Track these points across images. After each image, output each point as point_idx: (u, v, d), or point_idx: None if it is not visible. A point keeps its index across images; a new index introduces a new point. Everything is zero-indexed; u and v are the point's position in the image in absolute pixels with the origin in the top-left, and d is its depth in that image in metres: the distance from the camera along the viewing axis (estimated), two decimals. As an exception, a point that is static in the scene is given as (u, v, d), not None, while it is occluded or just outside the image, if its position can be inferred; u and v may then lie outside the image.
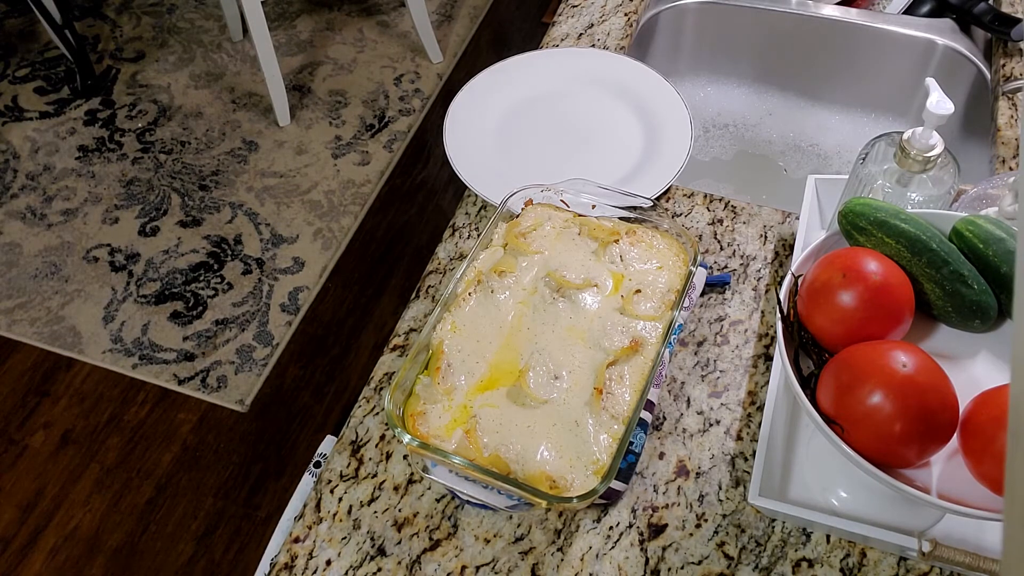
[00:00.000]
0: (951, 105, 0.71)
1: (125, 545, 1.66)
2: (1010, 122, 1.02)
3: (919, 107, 0.75)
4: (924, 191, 0.77)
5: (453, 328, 0.73)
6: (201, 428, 1.82)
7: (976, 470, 0.58)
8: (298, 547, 0.74)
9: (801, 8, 1.20)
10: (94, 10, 2.77)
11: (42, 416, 1.85)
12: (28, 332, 1.97)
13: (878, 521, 0.68)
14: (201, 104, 2.47)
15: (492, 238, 0.80)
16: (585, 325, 0.73)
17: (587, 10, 1.22)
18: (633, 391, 0.68)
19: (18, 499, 1.72)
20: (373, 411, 0.82)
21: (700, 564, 0.71)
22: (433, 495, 0.76)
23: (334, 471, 0.78)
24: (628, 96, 1.05)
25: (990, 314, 0.66)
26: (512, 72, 1.09)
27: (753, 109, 1.29)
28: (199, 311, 2.00)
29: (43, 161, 2.33)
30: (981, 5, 1.10)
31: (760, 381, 0.81)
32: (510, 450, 0.66)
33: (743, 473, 0.75)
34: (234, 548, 1.65)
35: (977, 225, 0.66)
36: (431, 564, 0.72)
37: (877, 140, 0.80)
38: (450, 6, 2.77)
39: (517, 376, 0.70)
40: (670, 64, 1.29)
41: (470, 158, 0.98)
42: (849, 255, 0.65)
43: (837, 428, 0.59)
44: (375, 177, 2.28)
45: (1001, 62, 1.09)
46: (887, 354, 0.58)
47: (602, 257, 0.78)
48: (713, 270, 0.90)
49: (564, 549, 0.72)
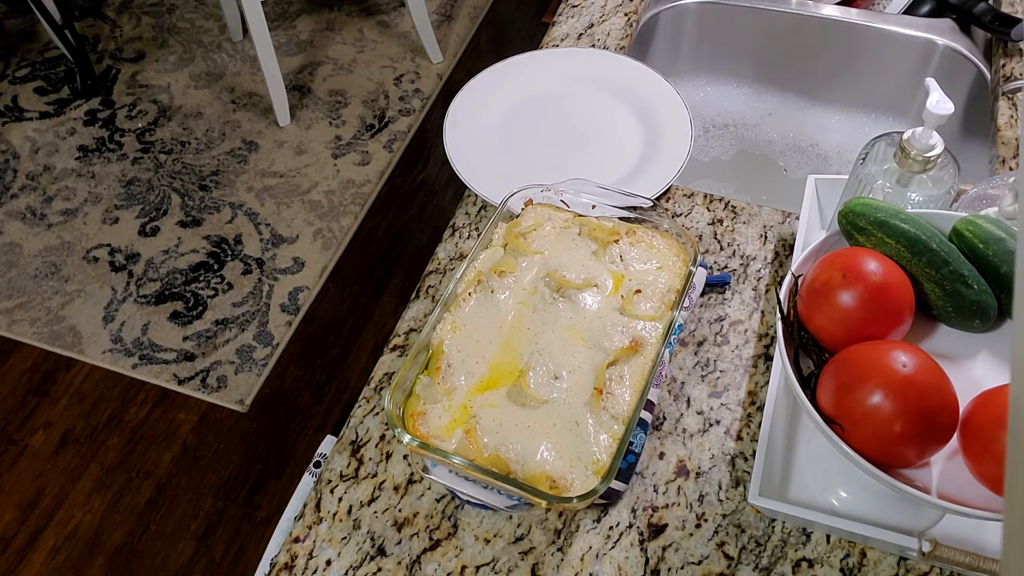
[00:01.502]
0: (951, 105, 0.71)
1: (125, 545, 1.66)
2: (1010, 122, 1.02)
3: (919, 107, 0.75)
4: (924, 191, 0.77)
5: (453, 328, 0.73)
6: (201, 428, 1.82)
7: (976, 470, 0.58)
8: (298, 547, 0.74)
9: (801, 8, 1.20)
10: (94, 10, 2.77)
11: (42, 416, 1.85)
12: (28, 332, 1.97)
13: (878, 521, 0.68)
14: (201, 104, 2.47)
15: (492, 238, 0.80)
16: (585, 325, 0.73)
17: (587, 10, 1.22)
18: (633, 391, 0.68)
19: (18, 499, 1.72)
20: (373, 411, 0.82)
21: (700, 564, 0.71)
22: (433, 495, 0.76)
23: (334, 471, 0.78)
24: (628, 96, 1.05)
25: (990, 314, 0.66)
26: (512, 72, 1.09)
27: (753, 109, 1.29)
28: (199, 311, 2.00)
29: (43, 161, 2.33)
30: (981, 5, 1.10)
31: (760, 381, 0.81)
32: (510, 450, 0.66)
33: (743, 473, 0.75)
34: (234, 548, 1.65)
35: (977, 225, 0.66)
36: (431, 564, 0.72)
37: (877, 140, 0.80)
38: (450, 6, 2.77)
39: (517, 376, 0.70)
40: (670, 64, 1.29)
41: (470, 158, 0.98)
42: (849, 255, 0.65)
43: (837, 428, 0.59)
44: (375, 177, 2.28)
45: (1001, 62, 1.09)
46: (887, 354, 0.58)
47: (602, 257, 0.78)
48: (713, 270, 0.90)
49: (564, 549, 0.72)
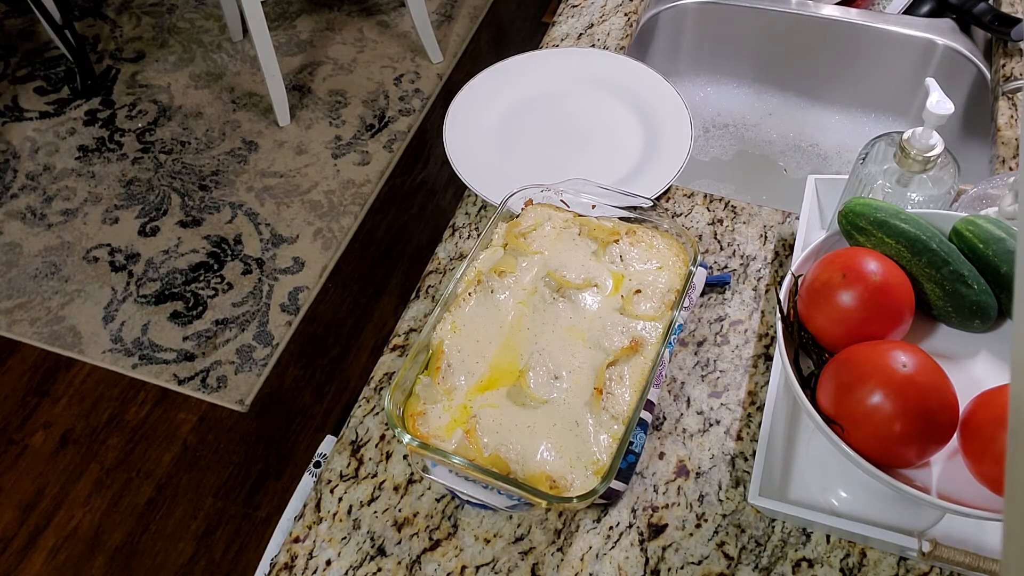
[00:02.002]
0: (951, 105, 0.71)
1: (125, 545, 1.66)
2: (1010, 122, 1.02)
3: (919, 107, 0.75)
4: (924, 191, 0.77)
5: (453, 328, 0.73)
6: (201, 428, 1.82)
7: (976, 470, 0.58)
8: (298, 547, 0.74)
9: (801, 8, 1.20)
10: (94, 10, 2.77)
11: (42, 416, 1.85)
12: (28, 332, 1.97)
13: (878, 521, 0.68)
14: (201, 104, 2.47)
15: (492, 238, 0.80)
16: (585, 325, 0.73)
17: (587, 10, 1.22)
18: (633, 391, 0.68)
19: (18, 499, 1.72)
20: (373, 411, 0.82)
21: (700, 564, 0.71)
22: (433, 495, 0.76)
23: (334, 471, 0.78)
24: (628, 96, 1.05)
25: (990, 314, 0.66)
26: (512, 72, 1.09)
27: (753, 109, 1.29)
28: (199, 311, 2.00)
29: (43, 161, 2.33)
30: (981, 5, 1.10)
31: (760, 381, 0.81)
32: (510, 450, 0.66)
33: (743, 473, 0.75)
34: (234, 548, 1.65)
35: (977, 225, 0.66)
36: (431, 564, 0.72)
37: (877, 140, 0.79)
38: (450, 6, 2.77)
39: (517, 376, 0.70)
40: (670, 64, 1.29)
41: (470, 158, 0.98)
42: (849, 255, 0.65)
43: (837, 428, 0.59)
44: (375, 177, 2.28)
45: (1001, 62, 1.09)
46: (887, 354, 0.58)
47: (602, 257, 0.78)
48: (713, 270, 0.90)
49: (564, 549, 0.72)
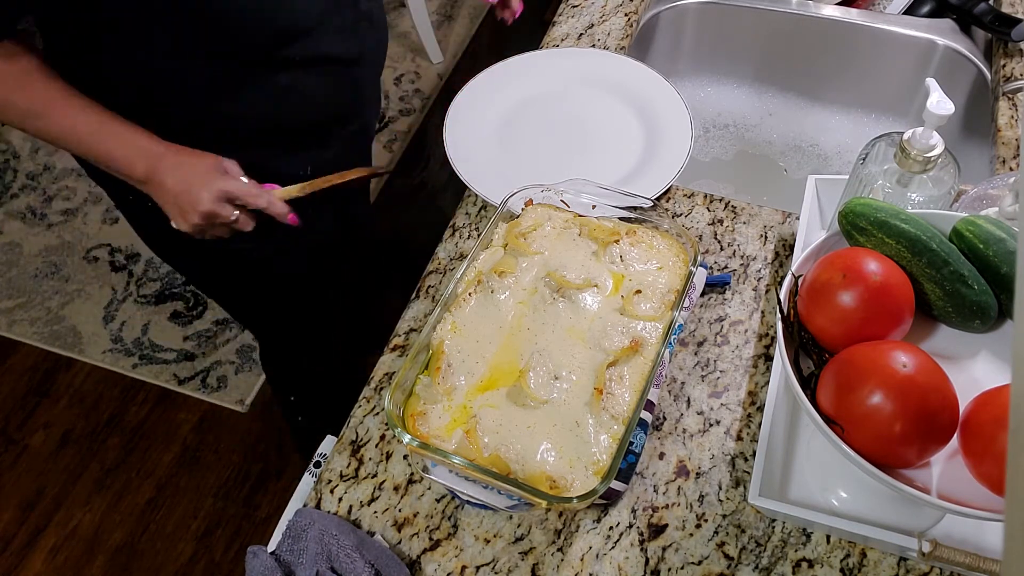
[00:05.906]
0: (951, 105, 0.71)
1: (125, 545, 1.66)
2: (1010, 122, 1.02)
3: (919, 107, 0.75)
4: (924, 191, 0.77)
5: (453, 328, 0.73)
6: (201, 428, 1.82)
7: (976, 470, 0.58)
8: (298, 547, 0.74)
9: (801, 8, 1.20)
10: (94, 10, 2.77)
11: (42, 416, 1.85)
12: (28, 332, 1.97)
13: (878, 521, 0.68)
14: (201, 104, 2.46)
15: (492, 238, 0.80)
16: (585, 325, 0.73)
17: (587, 10, 1.22)
18: (633, 391, 0.68)
19: (18, 499, 1.72)
20: (373, 411, 0.82)
21: (700, 564, 0.71)
22: (433, 495, 0.76)
23: (334, 471, 0.78)
24: (628, 96, 1.05)
25: (990, 314, 0.66)
26: (512, 72, 1.09)
27: (753, 109, 1.29)
28: (199, 311, 2.00)
29: (43, 161, 2.33)
30: (981, 5, 1.10)
31: (760, 381, 0.81)
32: (510, 450, 0.66)
33: (743, 473, 0.75)
34: (234, 548, 1.65)
35: (977, 225, 0.66)
36: (431, 564, 0.72)
37: (877, 140, 0.79)
38: (450, 6, 2.77)
39: (517, 376, 0.70)
40: (670, 64, 1.29)
41: (470, 158, 0.98)
42: (849, 255, 0.65)
43: (837, 428, 0.59)
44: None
45: (1001, 62, 1.09)
46: (887, 354, 0.58)
47: (602, 257, 0.78)
48: (713, 270, 0.90)
49: (564, 549, 0.72)
